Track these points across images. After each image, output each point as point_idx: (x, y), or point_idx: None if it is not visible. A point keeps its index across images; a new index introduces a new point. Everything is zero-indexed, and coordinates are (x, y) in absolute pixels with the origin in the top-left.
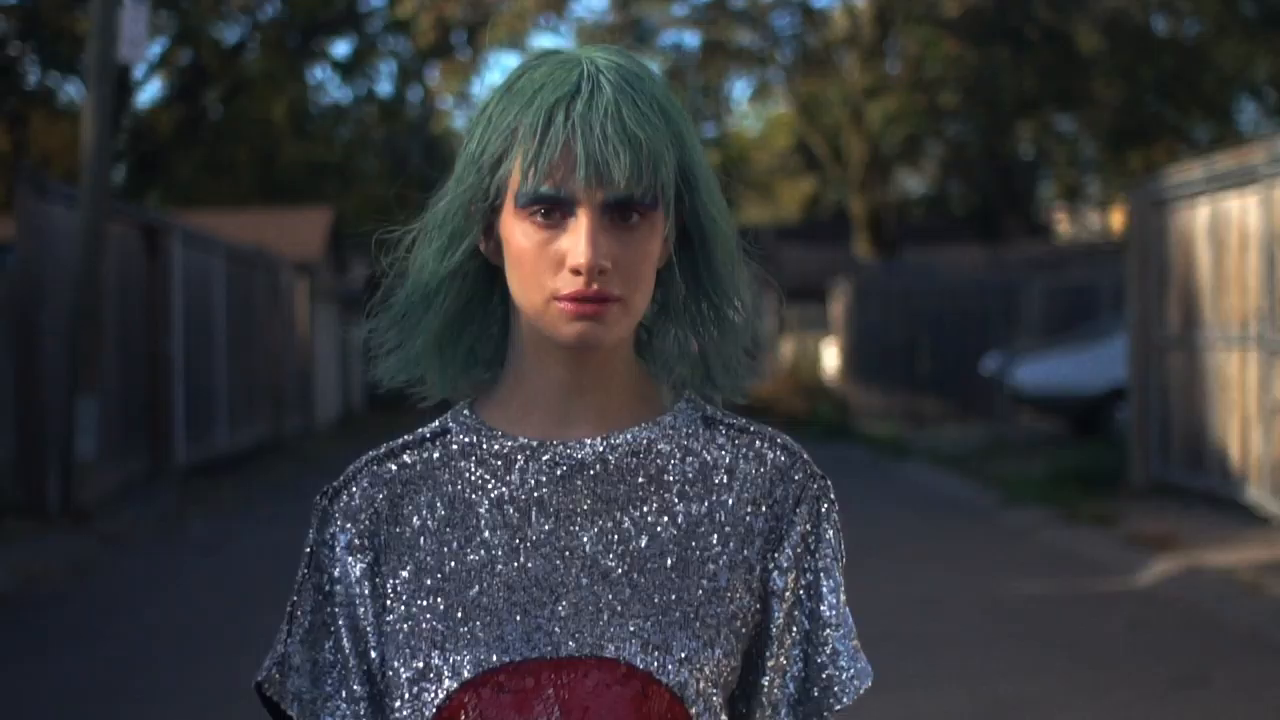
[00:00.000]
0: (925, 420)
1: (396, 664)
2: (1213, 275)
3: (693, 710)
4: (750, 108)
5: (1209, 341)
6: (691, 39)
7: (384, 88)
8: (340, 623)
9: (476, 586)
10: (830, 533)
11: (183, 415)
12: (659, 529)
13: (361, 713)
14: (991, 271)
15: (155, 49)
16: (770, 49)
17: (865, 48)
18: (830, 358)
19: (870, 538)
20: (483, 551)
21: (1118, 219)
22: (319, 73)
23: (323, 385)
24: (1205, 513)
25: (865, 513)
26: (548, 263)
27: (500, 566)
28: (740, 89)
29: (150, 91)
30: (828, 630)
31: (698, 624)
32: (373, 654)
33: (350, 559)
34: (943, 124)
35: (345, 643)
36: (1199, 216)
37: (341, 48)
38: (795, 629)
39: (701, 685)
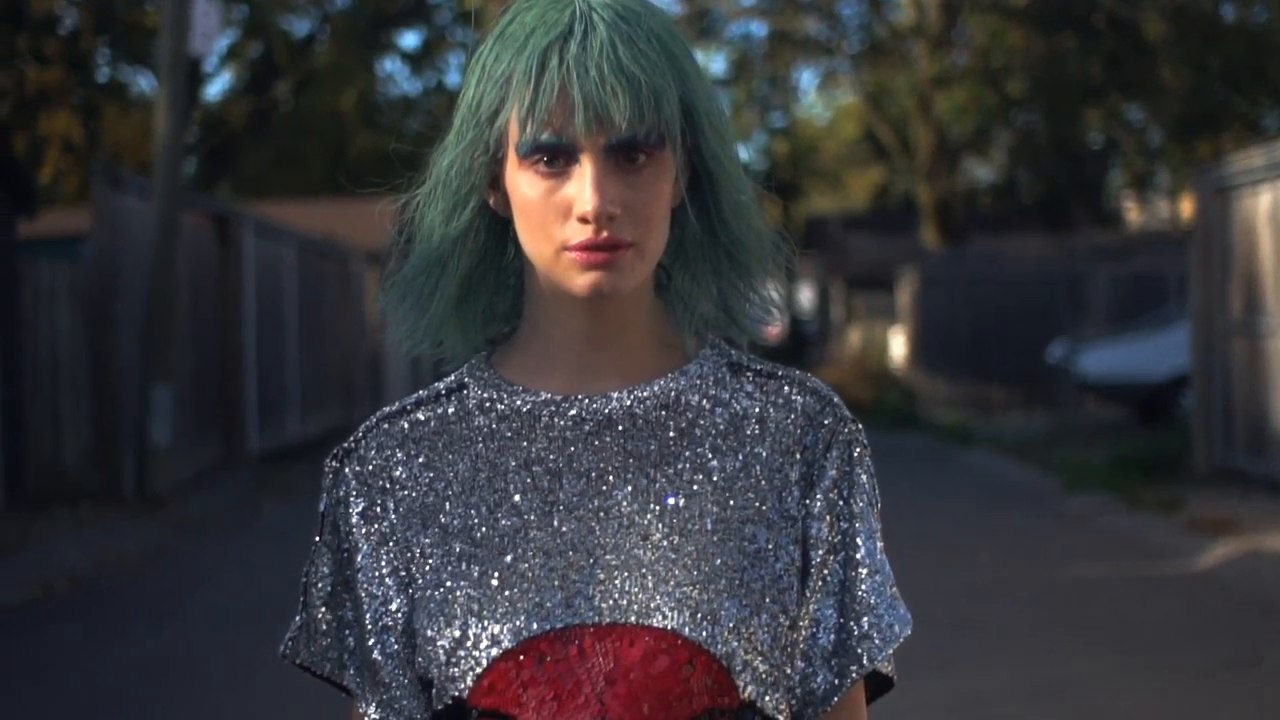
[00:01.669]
0: (991, 408)
1: (430, 633)
2: (1275, 262)
3: (739, 680)
4: (818, 97)
5: (1271, 328)
6: (759, 29)
7: (453, 79)
8: (358, 586)
9: (511, 553)
10: (864, 477)
11: (255, 403)
12: (695, 487)
13: (381, 675)
14: (1058, 260)
15: (225, 42)
16: (837, 39)
17: (932, 37)
18: (897, 346)
19: (931, 524)
20: (515, 517)
21: (1187, 208)
22: (388, 65)
23: (393, 373)
24: (1266, 498)
25: (928, 499)
26: (555, 212)
27: (534, 531)
28: (807, 79)
29: (220, 84)
30: (863, 577)
31: (744, 591)
32: (393, 620)
33: (365, 524)
34: (1011, 113)
35: (364, 605)
36: (1261, 204)
37: (410, 39)
38: (830, 577)
39: (749, 654)
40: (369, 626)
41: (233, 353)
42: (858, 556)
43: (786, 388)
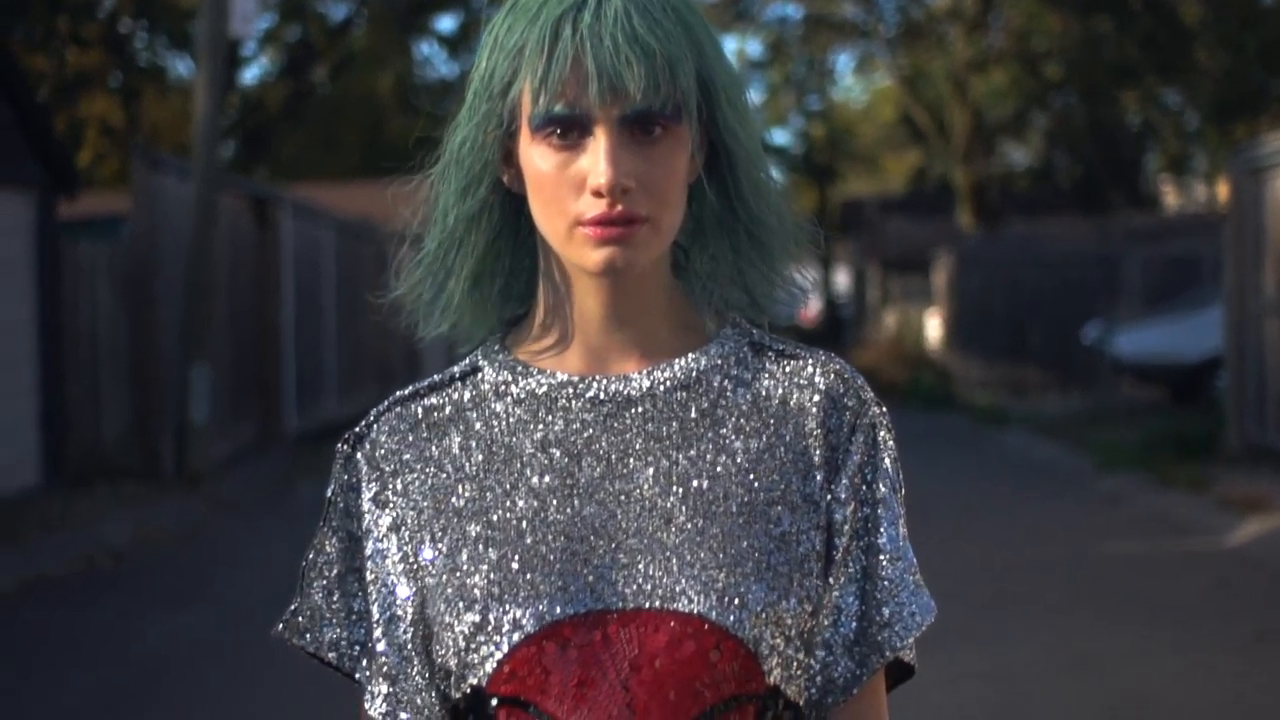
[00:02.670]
0: (1026, 390)
1: (447, 618)
2: None
3: (765, 666)
4: (854, 80)
5: None
6: (795, 12)
7: None
8: (369, 574)
9: (530, 536)
10: (887, 461)
11: (293, 384)
12: (719, 469)
13: (386, 668)
14: (1093, 242)
15: (264, 25)
16: (874, 22)
17: (969, 20)
18: (933, 328)
19: (965, 503)
20: (533, 499)
21: (1224, 191)
22: (425, 48)
23: (430, 354)
24: None
25: (962, 480)
26: (568, 186)
27: (553, 514)
28: (844, 62)
29: (257, 69)
30: (885, 564)
31: (770, 574)
32: (406, 610)
33: (377, 510)
34: (1047, 96)
35: (372, 594)
36: None
37: (447, 23)
38: (852, 565)
39: (775, 639)
40: (377, 616)
41: (270, 333)
42: (880, 543)
43: (809, 368)
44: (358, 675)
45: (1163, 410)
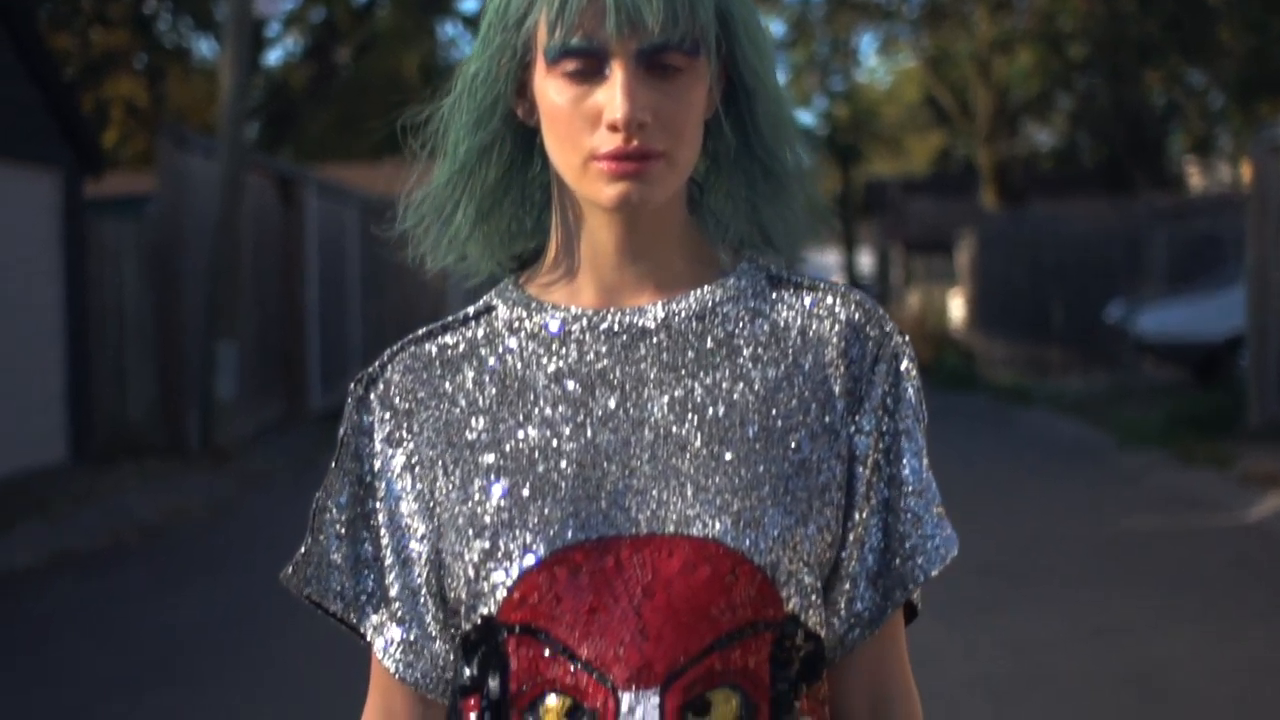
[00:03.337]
0: (1049, 369)
1: (458, 547)
2: None
3: (783, 593)
4: (878, 61)
5: None
6: None
7: None
8: (381, 516)
9: (542, 464)
10: (910, 392)
11: (317, 361)
12: (735, 396)
13: (400, 613)
14: (1117, 221)
15: (290, 5)
16: (898, 2)
17: (992, 1)
18: (956, 308)
19: (987, 479)
20: (546, 429)
21: (1248, 171)
22: (449, 29)
23: None
24: None
25: (984, 457)
26: (584, 120)
27: (567, 443)
28: (867, 43)
29: (281, 51)
30: (909, 496)
31: (789, 499)
32: (420, 548)
33: (391, 449)
34: (1072, 77)
35: (387, 538)
36: None
37: (470, 3)
38: (874, 497)
39: (794, 565)
40: (391, 560)
41: (296, 311)
42: (904, 475)
43: (830, 299)
44: (362, 628)
45: (1185, 389)
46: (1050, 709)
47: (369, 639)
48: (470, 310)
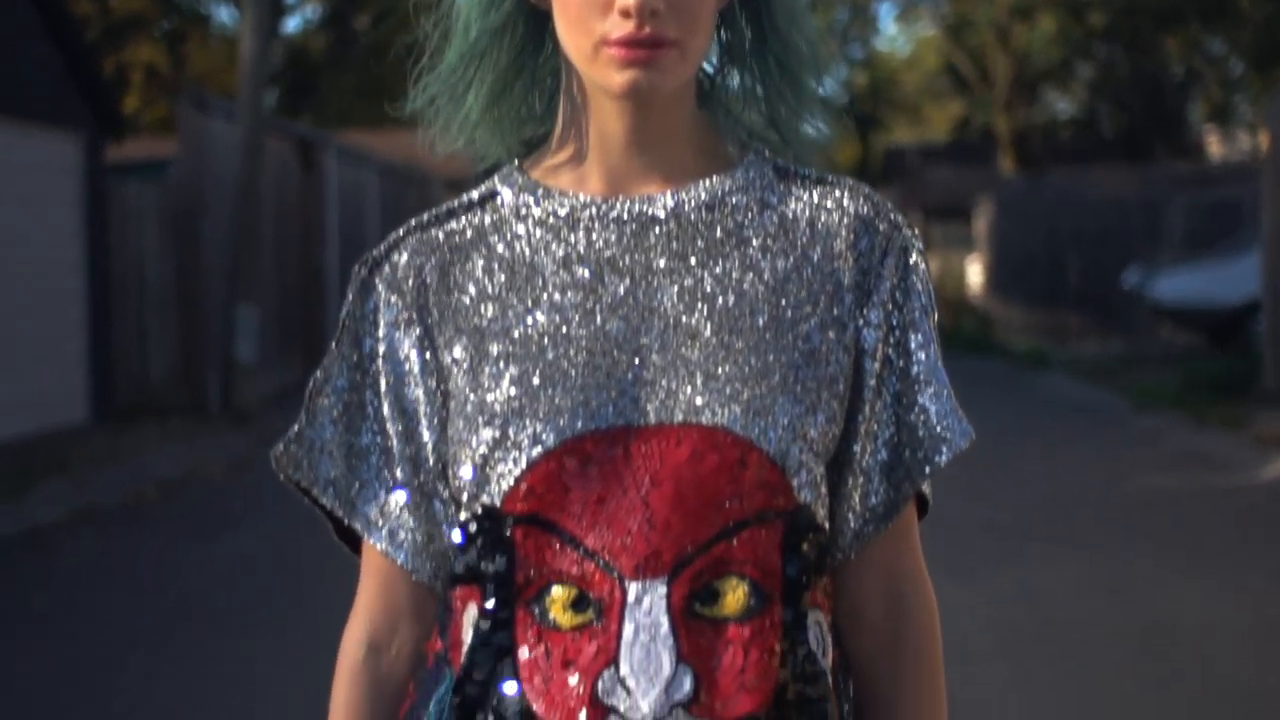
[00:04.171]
0: (1067, 335)
1: (465, 435)
2: None
3: (793, 482)
4: (897, 29)
5: None
6: None
7: None
8: (383, 404)
9: (552, 351)
10: (919, 285)
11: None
12: (745, 286)
13: (404, 503)
14: (1135, 188)
15: None
16: None
17: None
18: (974, 274)
19: (1003, 440)
20: (555, 315)
21: (1266, 140)
22: None
23: None
24: None
25: (1001, 419)
26: (596, 4)
27: (576, 330)
28: (887, 10)
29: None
30: (919, 387)
31: (798, 388)
32: (425, 435)
33: (398, 334)
34: (1091, 45)
35: (390, 426)
36: None
37: None
38: (885, 390)
39: (803, 454)
40: (395, 446)
41: (315, 274)
42: (913, 367)
43: (838, 192)
44: (353, 523)
45: (1201, 354)
46: (1061, 660)
47: (361, 533)
48: (475, 195)
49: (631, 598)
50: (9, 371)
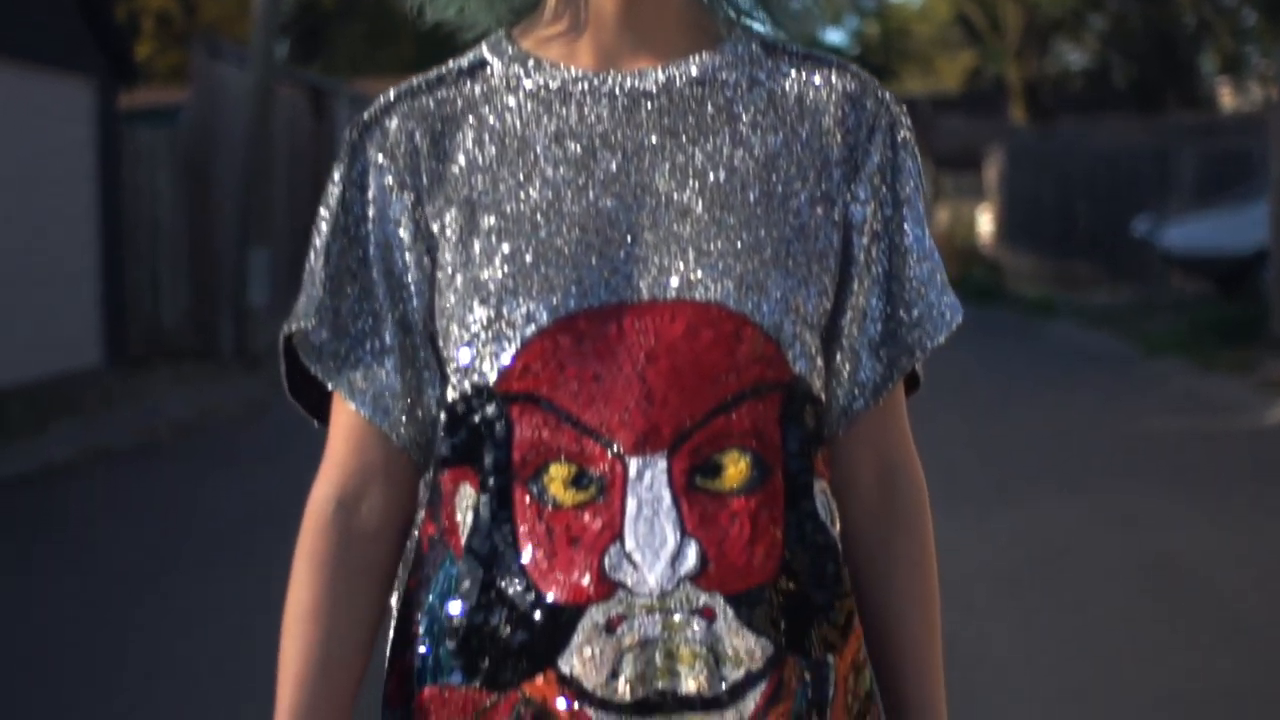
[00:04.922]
0: (1077, 283)
1: (459, 312)
2: None
3: (788, 354)
4: None
5: None
6: None
7: None
8: (372, 269)
9: (545, 228)
10: (909, 162)
11: None
12: (735, 162)
13: (390, 367)
14: (1145, 137)
15: None
16: None
17: None
18: (984, 223)
19: (1012, 385)
20: (547, 190)
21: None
22: None
23: None
24: None
25: (1010, 367)
26: None
27: (568, 205)
28: None
29: None
30: (911, 264)
31: (790, 262)
32: (414, 300)
33: (388, 198)
34: None
35: (378, 290)
36: None
37: None
38: (875, 266)
39: (797, 327)
40: (384, 310)
41: None
42: (904, 244)
43: (826, 69)
44: (334, 385)
45: (1210, 302)
46: (1064, 593)
47: (346, 398)
48: (463, 63)
49: (633, 473)
50: (23, 315)
